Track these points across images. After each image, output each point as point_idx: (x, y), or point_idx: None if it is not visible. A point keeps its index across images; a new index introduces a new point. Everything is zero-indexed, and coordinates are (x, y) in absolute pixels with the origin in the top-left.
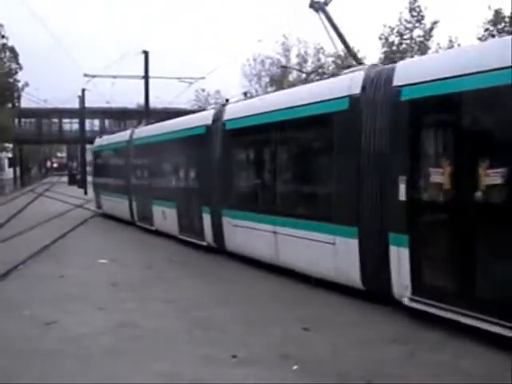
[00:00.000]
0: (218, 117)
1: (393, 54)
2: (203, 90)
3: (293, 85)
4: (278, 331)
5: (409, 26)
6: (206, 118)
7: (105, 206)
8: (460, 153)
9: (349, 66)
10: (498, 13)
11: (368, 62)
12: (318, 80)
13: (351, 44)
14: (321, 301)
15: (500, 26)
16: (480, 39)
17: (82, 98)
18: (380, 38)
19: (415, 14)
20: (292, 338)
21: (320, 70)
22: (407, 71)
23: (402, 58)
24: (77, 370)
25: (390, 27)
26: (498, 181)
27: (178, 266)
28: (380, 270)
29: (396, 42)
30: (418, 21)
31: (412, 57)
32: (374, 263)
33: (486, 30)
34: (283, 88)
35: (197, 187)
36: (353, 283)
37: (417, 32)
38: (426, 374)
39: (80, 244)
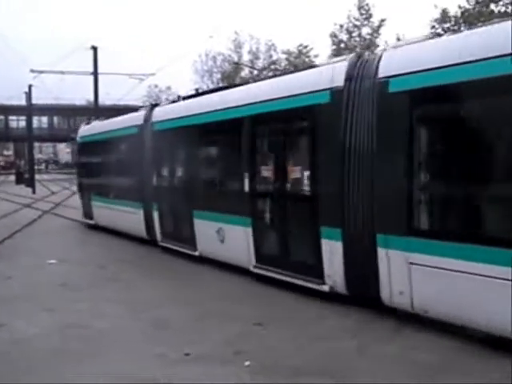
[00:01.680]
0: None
1: (342, 51)
2: (156, 86)
3: (245, 82)
4: (233, 328)
5: (357, 23)
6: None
7: (99, 215)
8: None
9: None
10: (444, 12)
11: (320, 59)
12: (270, 77)
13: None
14: (276, 298)
15: (446, 25)
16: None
17: (28, 95)
18: (330, 36)
19: (363, 11)
20: (246, 335)
21: (272, 67)
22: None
23: None
24: (23, 373)
25: (339, 25)
26: None
27: (132, 265)
28: None
29: (345, 39)
30: (366, 18)
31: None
32: None
33: (433, 27)
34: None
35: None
36: None
37: (365, 30)
38: (377, 365)
39: (29, 244)
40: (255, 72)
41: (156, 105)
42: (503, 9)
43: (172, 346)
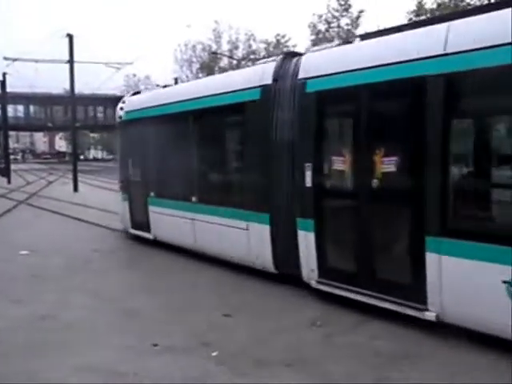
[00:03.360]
0: None
1: (320, 42)
2: (134, 75)
3: (224, 70)
4: (201, 319)
5: (336, 14)
6: None
7: (163, 228)
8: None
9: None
10: (420, 4)
11: (299, 49)
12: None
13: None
14: (245, 288)
15: (422, 17)
16: (400, 29)
17: (2, 83)
18: (309, 26)
19: (343, 2)
20: (214, 325)
21: (252, 57)
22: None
23: None
24: None
25: (318, 15)
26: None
27: (104, 256)
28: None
29: (323, 29)
30: (346, 9)
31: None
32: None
33: (410, 19)
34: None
35: None
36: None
37: (344, 20)
38: (343, 355)
39: (2, 234)
40: (234, 62)
41: (295, 54)
42: (478, 2)
43: (140, 337)
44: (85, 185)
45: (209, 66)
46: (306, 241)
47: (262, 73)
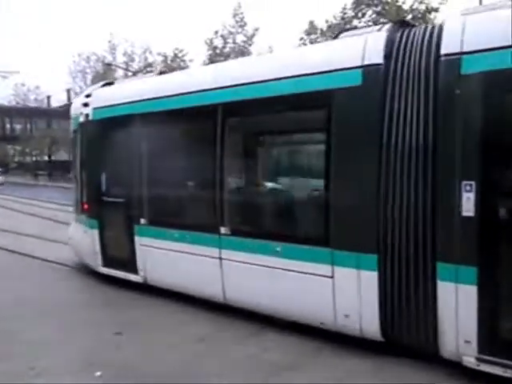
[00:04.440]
0: None
1: (216, 57)
2: (23, 85)
3: None
4: (89, 337)
5: (232, 30)
6: None
7: (163, 269)
8: None
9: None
10: (312, 24)
11: (195, 64)
12: None
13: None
14: (140, 305)
15: (313, 37)
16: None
17: None
18: (205, 42)
19: (238, 19)
20: (102, 344)
21: (148, 69)
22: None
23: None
24: None
25: (215, 31)
26: None
27: None
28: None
29: (220, 45)
30: (241, 26)
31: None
32: None
33: (301, 39)
34: None
35: None
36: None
37: (240, 37)
38: (233, 368)
39: None
40: (129, 73)
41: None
42: (365, 25)
43: (19, 360)
44: None
45: (103, 78)
46: (458, 298)
47: (362, 48)
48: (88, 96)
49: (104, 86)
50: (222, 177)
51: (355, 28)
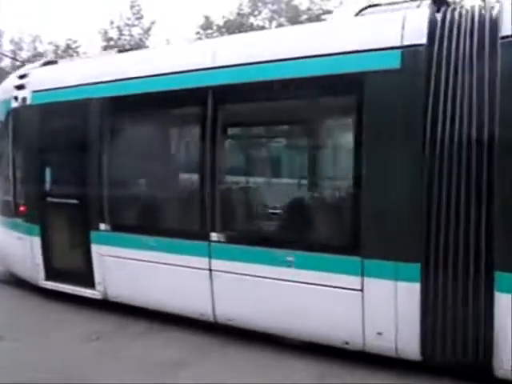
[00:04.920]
0: None
1: (111, 49)
2: None
3: (5, 72)
4: None
5: (129, 22)
6: None
7: (130, 283)
8: None
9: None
10: (207, 19)
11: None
12: None
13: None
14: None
15: (210, 31)
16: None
17: None
18: (99, 32)
19: (135, 12)
20: None
21: (38, 59)
22: None
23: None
24: None
25: (110, 22)
26: None
27: None
28: None
29: (115, 37)
30: (138, 19)
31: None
32: None
33: (198, 33)
34: None
35: None
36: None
37: (136, 30)
38: (121, 368)
39: None
40: (17, 63)
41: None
42: (261, 23)
43: None
44: None
45: None
46: None
47: (400, 26)
48: (23, 77)
49: (45, 65)
50: (214, 171)
51: (382, 5)
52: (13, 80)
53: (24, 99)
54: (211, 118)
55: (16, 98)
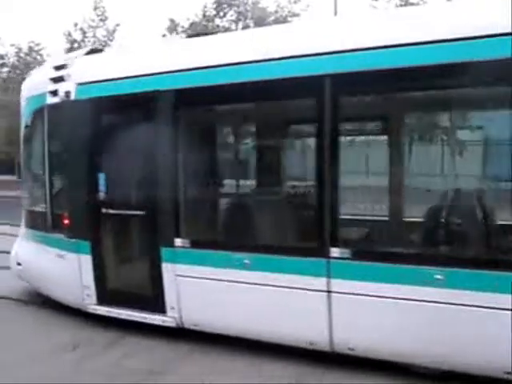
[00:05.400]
0: None
1: (75, 51)
2: None
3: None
4: None
5: (93, 24)
6: None
7: (216, 308)
8: None
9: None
10: (173, 22)
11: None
12: None
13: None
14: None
15: (174, 34)
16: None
17: None
18: (64, 34)
19: (99, 13)
20: None
21: (0, 61)
22: None
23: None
24: None
25: (74, 24)
26: None
27: None
28: None
29: (79, 39)
30: (102, 20)
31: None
32: None
33: (164, 35)
34: None
35: None
36: None
37: (100, 31)
38: (93, 377)
39: None
40: None
41: None
42: (227, 24)
43: None
44: None
45: None
46: None
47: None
48: (61, 68)
49: (89, 53)
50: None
51: None
52: (45, 72)
53: (67, 93)
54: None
55: (54, 93)
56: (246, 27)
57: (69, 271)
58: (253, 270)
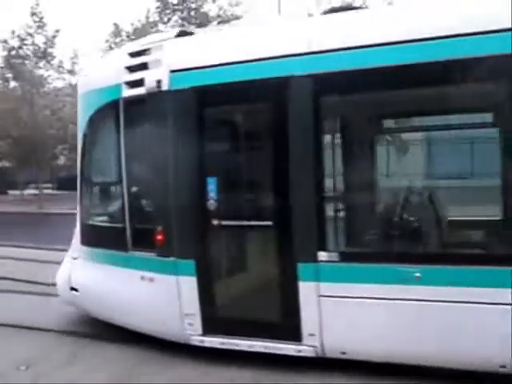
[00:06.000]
0: None
1: (13, 59)
2: None
3: None
4: None
5: (31, 31)
6: None
7: (373, 333)
8: None
9: None
10: (116, 27)
11: None
12: None
13: None
14: None
15: (118, 40)
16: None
17: None
18: (1, 42)
19: (37, 19)
20: None
21: None
22: None
23: (22, 64)
24: None
25: (12, 31)
26: None
27: None
28: None
29: (16, 46)
30: (40, 27)
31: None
32: None
33: (107, 41)
34: None
35: None
36: None
37: (39, 38)
38: None
39: None
40: None
41: None
42: (171, 30)
43: None
44: None
45: None
46: None
47: None
48: (141, 53)
49: (180, 36)
50: None
51: None
52: (115, 61)
53: (158, 83)
54: None
55: (133, 83)
56: None
57: (161, 296)
58: (426, 284)
